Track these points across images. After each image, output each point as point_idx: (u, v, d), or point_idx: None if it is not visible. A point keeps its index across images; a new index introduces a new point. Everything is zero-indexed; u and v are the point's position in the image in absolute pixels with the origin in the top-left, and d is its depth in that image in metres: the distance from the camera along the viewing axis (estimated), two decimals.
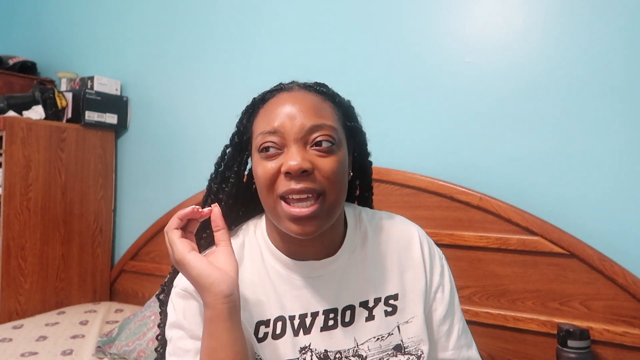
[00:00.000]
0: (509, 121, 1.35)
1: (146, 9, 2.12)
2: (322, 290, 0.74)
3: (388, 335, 0.74)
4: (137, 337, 1.38)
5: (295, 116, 0.69)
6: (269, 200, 0.69)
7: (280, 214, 0.68)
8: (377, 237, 0.80)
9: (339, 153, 0.71)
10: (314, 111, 0.70)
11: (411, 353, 0.74)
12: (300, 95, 0.72)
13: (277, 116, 0.69)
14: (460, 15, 1.43)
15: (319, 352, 0.71)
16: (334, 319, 0.73)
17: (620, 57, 1.22)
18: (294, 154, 0.66)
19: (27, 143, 1.83)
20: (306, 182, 0.66)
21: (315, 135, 0.68)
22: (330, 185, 0.68)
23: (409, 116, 1.49)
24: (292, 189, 0.66)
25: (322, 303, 0.73)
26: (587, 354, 1.10)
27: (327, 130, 0.69)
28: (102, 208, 2.10)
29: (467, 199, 1.32)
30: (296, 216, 0.66)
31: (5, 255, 1.76)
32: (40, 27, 2.53)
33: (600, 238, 1.20)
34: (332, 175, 0.68)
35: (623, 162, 1.20)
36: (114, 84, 2.10)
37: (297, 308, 0.73)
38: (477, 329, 1.29)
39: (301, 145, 0.68)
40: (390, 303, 0.76)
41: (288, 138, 0.68)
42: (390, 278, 0.78)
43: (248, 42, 1.83)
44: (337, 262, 0.76)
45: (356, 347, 0.73)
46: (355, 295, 0.75)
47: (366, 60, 1.57)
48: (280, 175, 0.67)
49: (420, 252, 0.80)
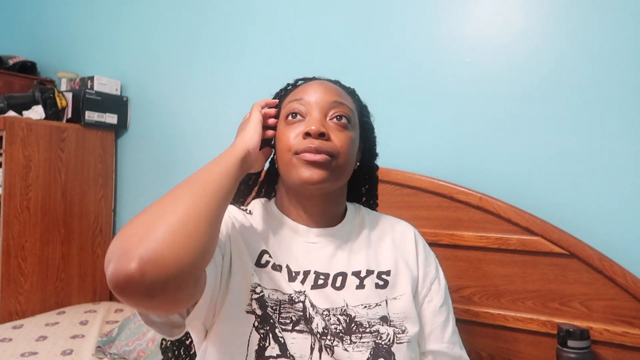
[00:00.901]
0: (509, 121, 1.35)
1: (146, 9, 2.12)
2: (318, 255, 0.80)
3: (376, 305, 0.77)
4: (137, 337, 1.38)
5: (321, 92, 0.80)
6: (285, 158, 0.78)
7: (295, 164, 0.76)
8: (374, 225, 0.89)
9: (353, 133, 0.81)
10: (338, 92, 0.82)
11: (396, 326, 0.77)
12: (327, 82, 0.85)
13: (306, 90, 0.81)
14: (460, 15, 1.43)
15: (310, 301, 0.74)
16: (325, 280, 0.78)
17: (621, 57, 1.22)
18: (315, 119, 0.77)
19: (27, 143, 1.83)
20: (322, 143, 0.75)
21: (335, 110, 0.79)
22: (342, 153, 0.77)
23: (409, 116, 1.49)
24: (309, 146, 0.74)
25: (315, 266, 0.79)
26: (587, 354, 1.10)
27: (346, 109, 0.80)
28: (102, 208, 2.10)
29: (467, 199, 1.32)
30: (309, 160, 0.74)
31: (5, 255, 1.76)
32: (40, 27, 2.53)
33: (600, 238, 1.20)
34: (345, 146, 0.78)
35: (624, 162, 1.20)
36: (114, 84, 2.10)
37: (294, 263, 0.78)
38: (477, 329, 1.29)
39: (322, 115, 0.78)
40: (382, 277, 0.81)
41: (311, 107, 0.79)
42: (384, 256, 0.83)
43: (248, 42, 1.83)
44: (335, 234, 0.83)
45: (345, 306, 0.76)
46: (348, 265, 0.80)
47: (366, 60, 1.57)
48: (299, 137, 0.76)
49: (414, 243, 0.87)
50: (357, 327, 0.74)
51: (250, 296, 0.71)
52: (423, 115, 1.47)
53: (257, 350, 0.69)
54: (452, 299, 0.94)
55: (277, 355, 0.69)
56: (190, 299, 0.61)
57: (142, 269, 0.48)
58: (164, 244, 0.51)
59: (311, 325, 0.72)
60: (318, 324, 0.72)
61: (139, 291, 0.49)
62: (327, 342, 0.71)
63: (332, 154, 0.75)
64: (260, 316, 0.70)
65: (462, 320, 1.27)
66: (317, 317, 0.73)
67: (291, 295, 0.74)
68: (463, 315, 1.29)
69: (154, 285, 0.49)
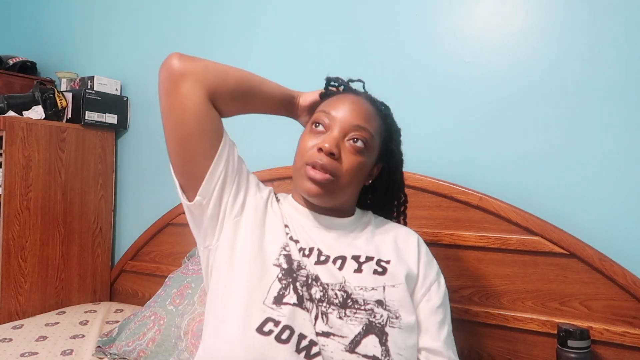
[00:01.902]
0: (509, 121, 1.35)
1: (146, 9, 2.12)
2: (323, 238, 0.87)
3: (372, 289, 0.81)
4: (137, 337, 1.37)
5: (348, 112, 0.87)
6: (298, 163, 0.87)
7: (302, 173, 0.85)
8: (379, 225, 0.95)
9: (366, 158, 0.88)
10: (364, 116, 0.88)
11: (390, 311, 0.79)
12: (361, 100, 0.91)
13: (336, 105, 0.88)
14: (460, 15, 1.43)
15: (312, 273, 0.80)
16: (326, 259, 0.84)
17: (621, 57, 1.22)
18: (332, 138, 0.84)
19: (27, 143, 1.83)
20: (330, 162, 0.83)
21: (354, 133, 0.86)
22: (346, 176, 0.85)
23: (409, 116, 1.48)
24: (316, 161, 0.83)
25: (319, 245, 0.86)
26: (587, 354, 1.10)
27: (365, 134, 0.86)
28: (102, 208, 2.10)
29: (467, 198, 1.32)
30: (311, 177, 0.83)
31: (5, 255, 1.76)
32: (40, 27, 2.53)
33: (600, 238, 1.20)
34: (352, 170, 0.85)
35: (623, 161, 1.20)
36: (114, 84, 2.10)
37: (302, 240, 0.86)
38: (477, 329, 1.29)
39: (341, 134, 0.85)
40: (381, 264, 0.85)
41: (334, 124, 0.86)
42: (385, 249, 0.89)
43: (248, 42, 1.83)
44: (342, 224, 0.91)
45: (343, 283, 0.80)
46: (348, 251, 0.86)
47: (366, 60, 1.57)
48: (314, 148, 0.84)
49: (417, 246, 0.92)
50: (353, 303, 0.78)
51: (280, 252, 0.81)
52: (423, 115, 1.47)
53: (276, 296, 0.76)
54: (452, 299, 0.94)
55: (294, 303, 0.75)
56: (204, 129, 0.82)
57: (180, 67, 0.82)
58: (204, 65, 0.85)
59: (310, 291, 0.77)
60: (316, 291, 0.78)
61: (173, 72, 0.82)
62: (322, 309, 0.76)
63: (335, 174, 0.83)
64: (285, 269, 0.79)
65: (462, 320, 1.27)
66: (315, 286, 0.78)
67: (300, 262, 0.81)
68: (463, 315, 1.29)
69: (182, 72, 0.82)
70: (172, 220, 1.89)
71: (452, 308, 0.93)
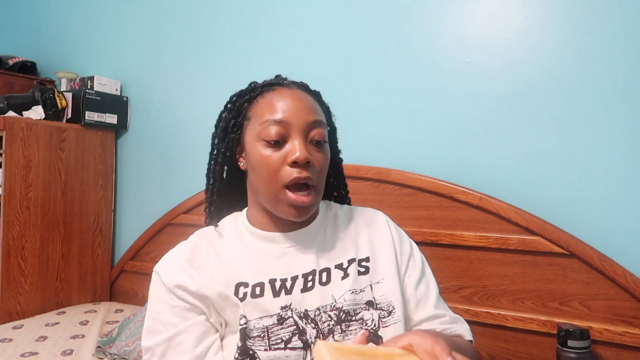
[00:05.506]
0: (509, 121, 1.35)
1: (146, 9, 2.12)
2: (300, 257, 0.81)
3: (361, 291, 0.79)
4: (137, 337, 1.37)
5: (299, 110, 0.78)
6: (271, 188, 0.77)
7: (282, 201, 0.77)
8: (346, 217, 0.90)
9: (327, 149, 0.83)
10: (313, 109, 0.81)
11: (382, 309, 0.79)
12: (300, 93, 0.82)
13: (282, 108, 0.78)
14: (460, 15, 1.43)
15: (299, 312, 0.76)
16: (312, 280, 0.79)
17: (621, 57, 1.22)
18: (300, 146, 0.76)
19: (27, 143, 1.83)
20: (308, 172, 0.76)
21: (315, 131, 0.79)
22: (320, 178, 0.80)
23: (409, 116, 1.49)
24: (298, 177, 0.75)
25: (300, 268, 0.80)
26: (587, 354, 1.10)
27: (323, 128, 0.80)
28: (102, 208, 2.10)
29: (467, 198, 1.32)
30: (299, 205, 0.76)
31: (5, 255, 1.76)
32: (40, 28, 2.53)
33: (600, 238, 1.20)
34: (322, 168, 0.80)
35: (623, 161, 1.20)
36: (114, 84, 2.10)
37: (279, 273, 0.79)
38: (477, 329, 1.29)
39: (303, 137, 0.77)
40: (363, 264, 0.83)
41: (292, 130, 0.77)
42: (361, 245, 0.85)
43: (248, 42, 1.83)
44: (311, 232, 0.84)
45: (334, 302, 0.77)
46: (330, 261, 0.82)
47: (366, 60, 1.57)
48: (284, 165, 0.76)
49: (387, 225, 0.89)
50: (345, 315, 0.77)
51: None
52: (423, 115, 1.47)
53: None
54: (452, 299, 0.94)
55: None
56: None
57: None
58: None
59: (305, 336, 0.73)
60: (311, 334, 0.74)
61: None
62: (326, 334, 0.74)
63: (313, 183, 0.77)
64: (240, 347, 0.72)
65: None
66: (308, 327, 0.74)
67: (279, 314, 0.74)
68: (463, 315, 1.27)
69: None
70: (172, 220, 1.89)
71: (452, 308, 0.93)
